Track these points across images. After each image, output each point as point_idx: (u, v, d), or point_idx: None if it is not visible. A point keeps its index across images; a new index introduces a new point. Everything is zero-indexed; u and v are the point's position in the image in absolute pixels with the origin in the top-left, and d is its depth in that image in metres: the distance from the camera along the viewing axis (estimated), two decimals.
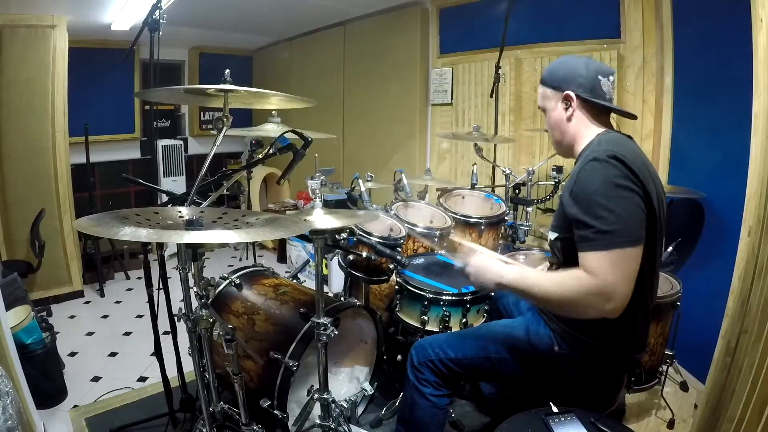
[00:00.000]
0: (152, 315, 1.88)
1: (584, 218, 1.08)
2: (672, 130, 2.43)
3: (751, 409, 1.27)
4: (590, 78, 1.23)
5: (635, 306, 1.18)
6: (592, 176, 1.10)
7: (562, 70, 1.28)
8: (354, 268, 1.95)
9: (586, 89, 1.23)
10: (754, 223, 1.40)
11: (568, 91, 1.24)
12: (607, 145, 1.15)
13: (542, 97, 1.33)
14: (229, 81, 1.34)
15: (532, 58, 3.01)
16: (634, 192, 1.08)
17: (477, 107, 3.39)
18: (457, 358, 1.39)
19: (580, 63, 1.25)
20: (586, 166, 1.13)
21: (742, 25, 1.54)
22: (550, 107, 1.31)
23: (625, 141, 1.22)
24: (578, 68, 1.24)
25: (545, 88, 1.31)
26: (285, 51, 5.03)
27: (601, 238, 1.05)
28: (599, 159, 1.10)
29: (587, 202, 1.09)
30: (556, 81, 1.28)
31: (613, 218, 1.05)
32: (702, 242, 2.28)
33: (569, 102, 1.25)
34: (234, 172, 1.52)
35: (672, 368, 2.13)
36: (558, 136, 1.32)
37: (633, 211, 1.07)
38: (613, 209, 1.05)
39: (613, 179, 1.08)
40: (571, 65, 1.26)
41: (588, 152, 1.18)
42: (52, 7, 3.12)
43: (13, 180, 3.20)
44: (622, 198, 1.07)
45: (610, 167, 1.09)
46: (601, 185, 1.08)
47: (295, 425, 1.70)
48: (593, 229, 1.06)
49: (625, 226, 1.05)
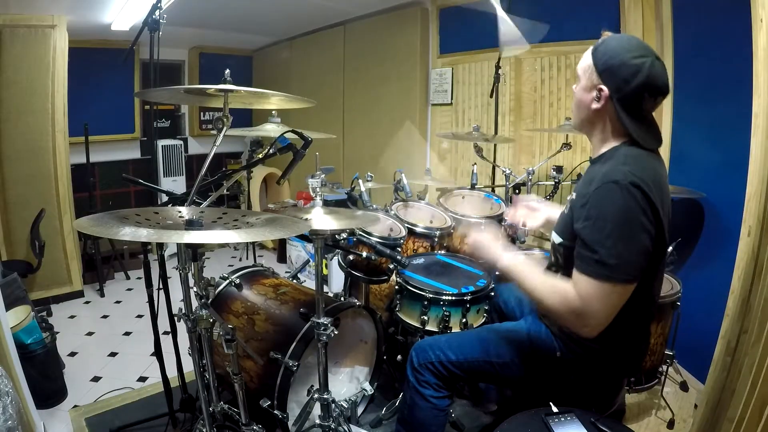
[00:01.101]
0: (152, 315, 1.87)
1: (589, 241, 1.06)
2: (672, 130, 2.43)
3: (751, 409, 1.27)
4: (634, 89, 1.09)
5: (640, 314, 1.19)
6: (609, 201, 1.05)
7: (615, 59, 1.10)
8: (354, 268, 1.95)
9: (623, 98, 1.11)
10: (754, 223, 1.39)
11: (605, 86, 1.12)
12: (632, 167, 1.07)
13: (584, 68, 1.18)
14: (229, 81, 1.34)
15: (532, 58, 3.01)
16: (647, 231, 1.05)
17: (477, 107, 3.39)
18: (458, 360, 1.38)
19: (635, 66, 1.08)
20: (605, 186, 1.06)
21: (742, 25, 1.55)
22: (583, 84, 1.19)
23: (650, 161, 1.14)
24: (630, 70, 1.08)
25: (591, 62, 1.15)
26: (285, 51, 5.03)
27: (598, 267, 1.04)
28: (620, 184, 1.04)
29: (597, 225, 1.05)
30: (603, 66, 1.12)
31: (617, 253, 1.03)
32: (702, 242, 2.28)
33: (600, 96, 1.14)
34: (234, 172, 1.52)
35: (672, 368, 2.13)
36: (579, 115, 1.24)
37: (638, 251, 1.05)
38: (619, 244, 1.03)
39: (629, 213, 1.03)
40: (626, 61, 1.09)
41: (609, 167, 1.10)
42: (52, 7, 3.12)
43: (13, 180, 3.20)
44: (632, 235, 1.04)
45: (630, 198, 1.03)
46: (617, 215, 1.04)
47: (295, 425, 1.70)
48: (595, 255, 1.04)
49: (625, 264, 1.03)
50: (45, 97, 3.21)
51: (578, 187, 1.19)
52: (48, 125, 3.24)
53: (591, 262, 1.05)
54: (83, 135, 3.59)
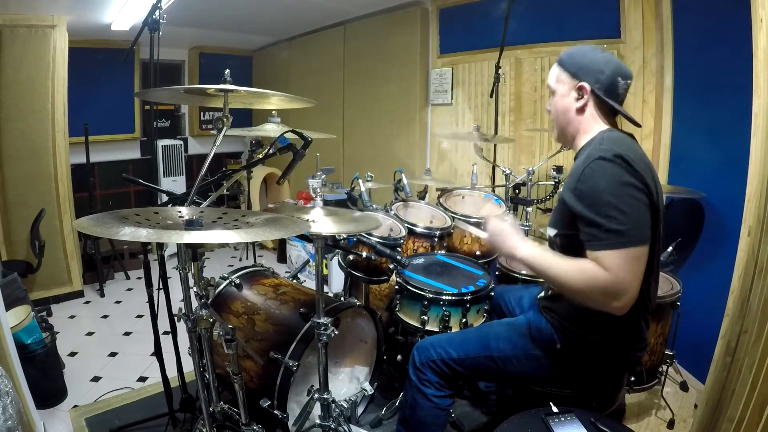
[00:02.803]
0: (152, 315, 1.88)
1: (594, 217, 1.08)
2: (672, 130, 2.43)
3: (751, 409, 1.27)
4: (610, 76, 1.20)
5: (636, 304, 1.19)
6: (598, 175, 1.10)
7: (584, 58, 1.23)
8: (354, 268, 1.95)
9: (602, 86, 1.20)
10: (754, 223, 1.39)
11: (584, 82, 1.22)
12: (611, 144, 1.14)
13: (556, 79, 1.28)
14: (229, 81, 1.34)
15: (532, 58, 3.01)
16: (641, 192, 1.09)
17: (477, 107, 3.39)
18: (460, 357, 1.39)
19: (603, 58, 1.22)
20: (591, 164, 1.12)
21: (742, 25, 1.55)
22: (561, 92, 1.27)
23: (627, 140, 1.21)
24: (600, 62, 1.21)
25: (561, 71, 1.26)
26: (285, 51, 5.03)
27: (613, 237, 1.06)
28: (605, 158, 1.10)
29: (596, 201, 1.09)
30: (575, 68, 1.23)
31: (624, 218, 1.06)
32: (702, 242, 2.28)
33: (582, 93, 1.23)
34: (234, 172, 1.52)
35: (672, 368, 2.13)
36: (562, 123, 1.30)
37: (641, 212, 1.08)
38: (623, 209, 1.06)
39: (621, 179, 1.08)
40: (594, 57, 1.22)
41: (591, 149, 1.17)
42: (52, 7, 3.12)
43: (13, 180, 3.20)
44: (630, 198, 1.07)
45: (617, 167, 1.09)
46: (610, 184, 1.08)
47: (295, 425, 1.70)
48: (604, 227, 1.06)
49: (635, 226, 1.06)
50: (45, 97, 3.21)
51: (567, 180, 1.22)
52: (48, 125, 3.25)
53: (604, 235, 1.07)
54: (83, 135, 3.59)
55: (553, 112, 1.31)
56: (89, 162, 3.66)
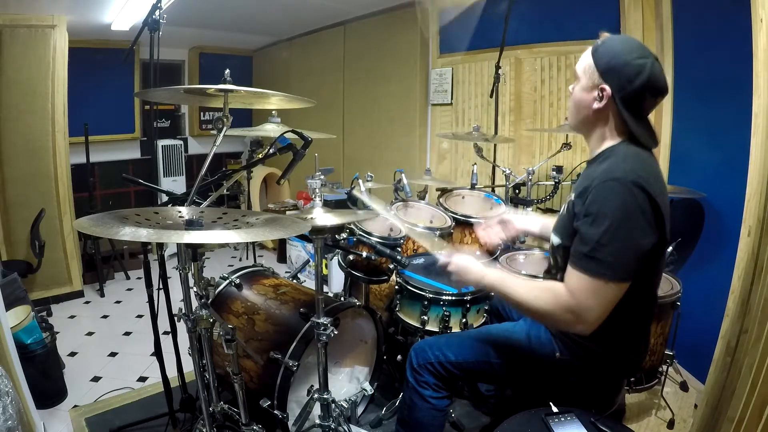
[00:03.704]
0: (152, 315, 1.88)
1: (586, 236, 1.06)
2: (672, 130, 2.43)
3: (751, 409, 1.27)
4: (637, 90, 1.10)
5: (639, 314, 1.18)
6: (610, 198, 1.05)
7: (617, 60, 1.11)
8: (354, 268, 1.95)
9: (625, 97, 1.11)
10: (754, 223, 1.39)
11: (607, 86, 1.12)
12: (633, 165, 1.08)
13: (584, 68, 1.18)
14: (229, 81, 1.34)
15: (532, 58, 3.01)
16: (645, 232, 1.04)
17: (477, 107, 3.39)
18: (458, 361, 1.38)
19: (638, 66, 1.09)
20: (607, 183, 1.06)
21: (742, 25, 1.54)
22: (584, 83, 1.18)
23: (649, 160, 1.14)
24: (632, 71, 1.09)
25: (591, 62, 1.15)
26: (285, 51, 5.03)
27: (593, 264, 1.04)
28: (622, 182, 1.04)
29: (596, 221, 1.05)
30: (605, 66, 1.13)
31: (614, 250, 1.02)
32: (702, 242, 2.28)
33: (603, 96, 1.14)
34: (234, 172, 1.52)
35: (672, 368, 2.13)
36: (578, 116, 1.23)
37: (636, 250, 1.04)
38: (616, 243, 1.02)
39: (630, 213, 1.03)
40: (629, 62, 1.10)
41: (611, 163, 1.11)
42: (52, 7, 3.12)
43: (13, 180, 3.20)
44: (631, 233, 1.03)
45: (631, 197, 1.03)
46: (617, 213, 1.03)
47: (295, 425, 1.70)
48: (591, 251, 1.04)
49: (621, 262, 1.03)
50: (45, 97, 3.21)
51: (576, 187, 1.18)
52: (48, 125, 3.24)
53: (586, 258, 1.05)
54: (83, 135, 3.59)
55: (574, 99, 1.23)
56: (89, 162, 3.66)
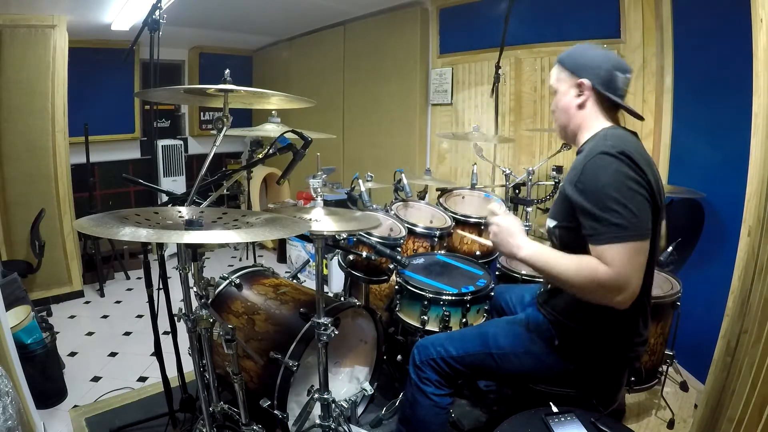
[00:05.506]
0: (152, 315, 1.88)
1: (596, 211, 1.09)
2: (672, 130, 2.43)
3: (751, 409, 1.27)
4: (608, 71, 1.22)
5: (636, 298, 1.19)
6: (601, 170, 1.11)
7: (582, 56, 1.27)
8: (354, 268, 1.95)
9: (602, 81, 1.23)
10: (754, 223, 1.40)
11: (583, 79, 1.24)
12: (614, 140, 1.15)
13: (556, 79, 1.31)
14: (229, 81, 1.34)
15: (532, 58, 3.01)
16: (643, 188, 1.10)
17: (477, 107, 3.39)
18: (459, 355, 1.39)
19: (601, 54, 1.25)
20: (594, 159, 1.13)
21: (742, 25, 1.55)
22: (562, 90, 1.30)
23: (630, 138, 1.22)
24: (598, 59, 1.24)
25: (561, 69, 1.30)
26: (285, 51, 5.03)
27: (615, 231, 1.07)
28: (608, 153, 1.11)
29: (598, 195, 1.10)
30: (574, 66, 1.27)
31: (626, 212, 1.07)
32: (702, 242, 2.28)
33: (582, 90, 1.25)
34: (234, 172, 1.52)
35: (672, 368, 2.13)
36: (564, 121, 1.32)
37: (643, 207, 1.09)
38: (625, 203, 1.07)
39: (624, 174, 1.09)
40: (592, 54, 1.26)
41: (593, 145, 1.19)
42: (52, 7, 3.12)
43: (13, 180, 3.20)
44: (633, 193, 1.09)
45: (620, 162, 1.10)
46: (612, 179, 1.09)
47: (295, 425, 1.70)
48: (606, 222, 1.08)
49: (637, 221, 1.07)
50: (45, 97, 3.21)
51: (569, 174, 1.22)
52: (48, 125, 3.25)
53: (607, 230, 1.08)
54: (83, 135, 3.59)
55: (556, 112, 1.34)
56: (89, 162, 3.66)
